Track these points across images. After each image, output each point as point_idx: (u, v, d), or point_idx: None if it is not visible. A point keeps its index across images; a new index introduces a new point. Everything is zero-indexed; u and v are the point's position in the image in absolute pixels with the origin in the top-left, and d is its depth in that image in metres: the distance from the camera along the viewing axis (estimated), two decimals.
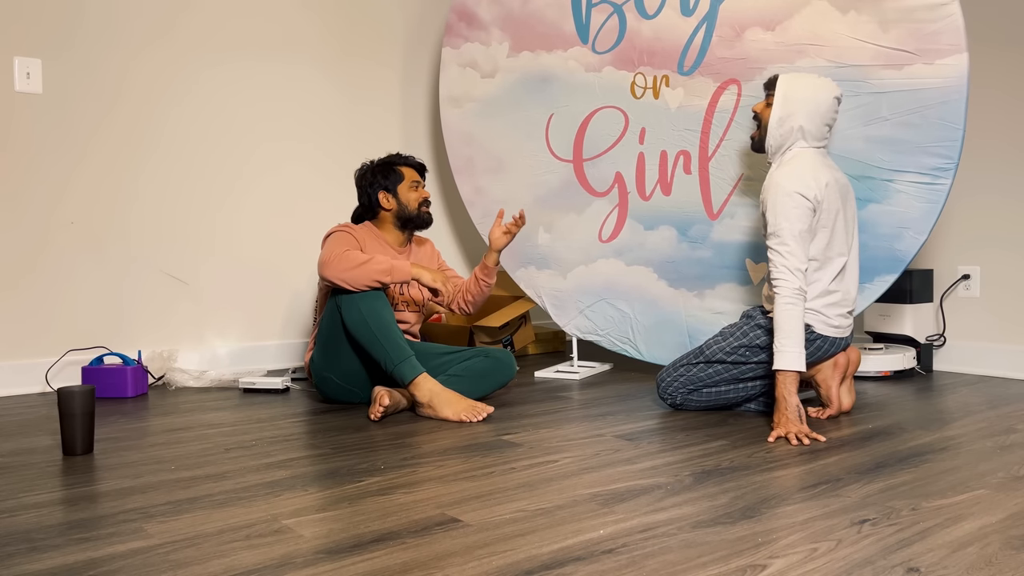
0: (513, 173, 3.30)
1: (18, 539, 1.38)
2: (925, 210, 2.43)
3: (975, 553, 1.27)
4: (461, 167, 3.44)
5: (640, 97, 2.95)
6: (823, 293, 2.22)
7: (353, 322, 2.33)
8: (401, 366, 2.31)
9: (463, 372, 2.51)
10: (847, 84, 2.51)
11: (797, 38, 2.59)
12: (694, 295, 2.88)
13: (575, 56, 3.10)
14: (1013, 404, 2.46)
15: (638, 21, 2.94)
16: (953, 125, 2.37)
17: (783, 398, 2.08)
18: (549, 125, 3.18)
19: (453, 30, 3.42)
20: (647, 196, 2.96)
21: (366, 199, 2.67)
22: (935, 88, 2.39)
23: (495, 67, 3.31)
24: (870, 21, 2.47)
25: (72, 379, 2.91)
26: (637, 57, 2.95)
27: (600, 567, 1.23)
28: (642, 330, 3.00)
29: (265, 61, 3.33)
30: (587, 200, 3.11)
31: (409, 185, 2.66)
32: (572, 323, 3.18)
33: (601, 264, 3.09)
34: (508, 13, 3.26)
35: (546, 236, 3.22)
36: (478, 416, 2.28)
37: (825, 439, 2.03)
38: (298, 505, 1.54)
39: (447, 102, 3.46)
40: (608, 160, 3.05)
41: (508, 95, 3.28)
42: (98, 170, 2.97)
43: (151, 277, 3.09)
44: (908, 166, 2.45)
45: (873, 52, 2.47)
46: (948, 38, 2.36)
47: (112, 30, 2.99)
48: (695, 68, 2.81)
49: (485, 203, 3.38)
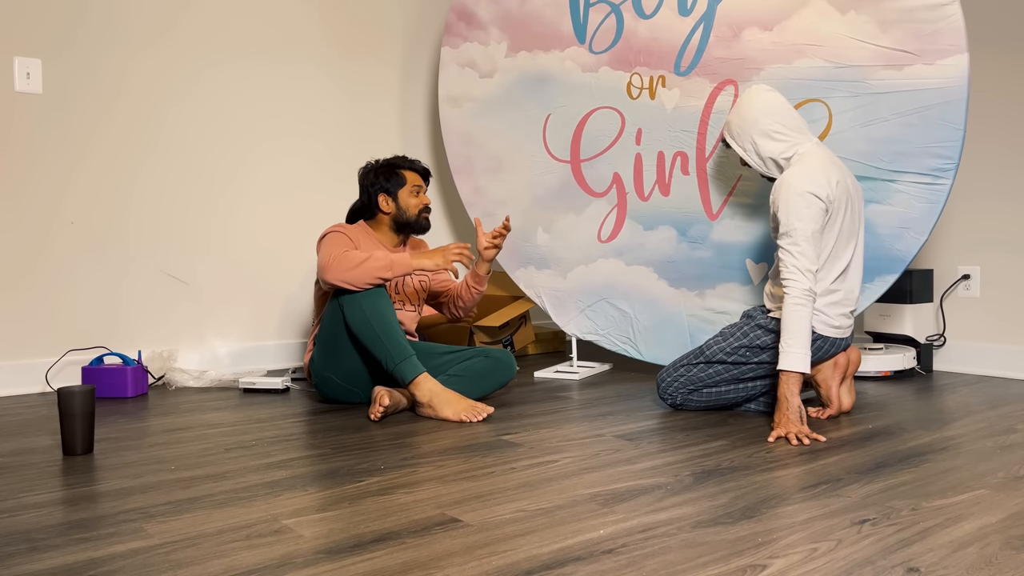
0: (512, 173, 3.29)
1: (18, 539, 1.38)
2: (926, 210, 2.43)
3: (975, 553, 1.27)
4: (460, 167, 3.44)
5: (636, 98, 2.94)
6: (825, 292, 2.22)
7: (356, 320, 2.33)
8: (402, 365, 2.31)
9: (463, 372, 2.51)
10: (846, 84, 2.50)
11: (795, 38, 2.58)
12: (695, 295, 2.88)
13: (572, 56, 3.09)
14: (1013, 404, 2.46)
15: (635, 21, 2.93)
16: (954, 125, 2.37)
17: (785, 398, 2.08)
18: (546, 126, 3.18)
19: (452, 29, 3.42)
20: (646, 196, 2.96)
21: (366, 198, 2.67)
22: (936, 88, 2.38)
23: (493, 67, 3.30)
24: (869, 21, 2.46)
25: (72, 379, 2.91)
26: (634, 57, 2.94)
27: (600, 567, 1.23)
28: (642, 330, 3.00)
29: (264, 60, 3.33)
30: (586, 200, 3.11)
31: (410, 190, 2.65)
32: (572, 323, 3.18)
33: (601, 264, 3.09)
34: (506, 12, 3.26)
35: (545, 236, 3.22)
36: (478, 416, 2.28)
37: (825, 439, 2.03)
38: (298, 505, 1.54)
39: (446, 102, 3.46)
40: (605, 161, 3.04)
41: (506, 95, 3.28)
42: (98, 170, 2.97)
43: (151, 277, 3.09)
44: (908, 166, 2.44)
45: (873, 52, 2.47)
46: (949, 38, 2.36)
47: (112, 30, 2.99)
48: (691, 68, 2.80)
49: (484, 203, 3.38)
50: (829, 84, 2.53)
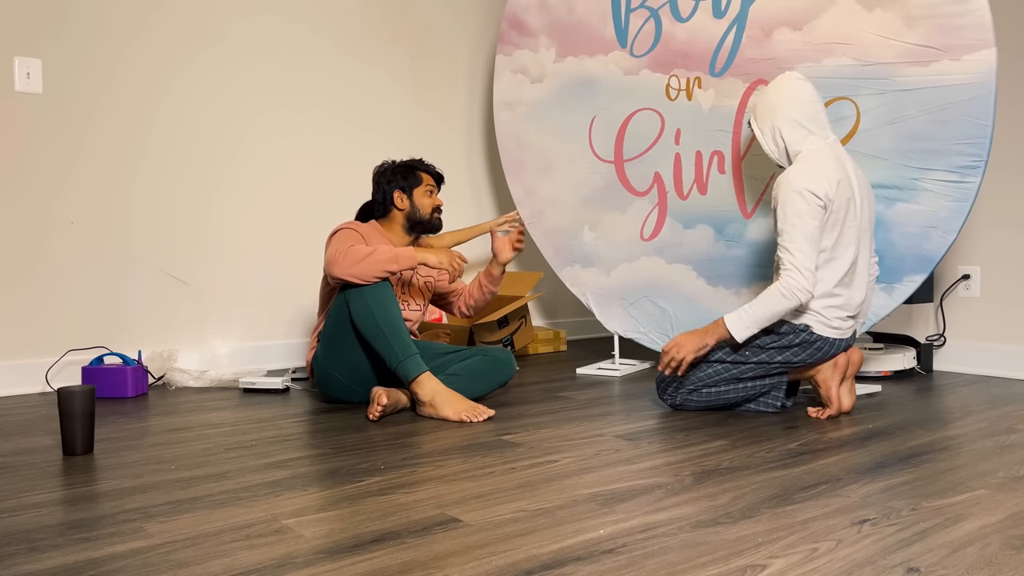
0: (561, 174, 3.37)
1: (18, 539, 1.38)
2: (954, 208, 2.44)
3: (975, 553, 1.27)
4: (513, 169, 3.52)
5: (674, 99, 3.01)
6: (826, 295, 2.22)
7: (361, 316, 2.33)
8: (405, 363, 2.31)
9: (462, 371, 2.51)
10: (873, 82, 2.53)
11: (824, 37, 2.63)
12: (731, 293, 2.93)
13: (615, 60, 3.17)
14: (1013, 404, 2.46)
15: (673, 24, 3.00)
16: (981, 122, 2.37)
17: (701, 332, 2.24)
18: (592, 127, 3.25)
19: (505, 38, 3.52)
20: (685, 195, 3.02)
21: (380, 195, 2.69)
22: (962, 84, 2.39)
23: (543, 72, 3.40)
24: (896, 18, 2.49)
25: (72, 379, 2.91)
26: (672, 60, 3.02)
27: (600, 567, 1.23)
28: (681, 327, 3.05)
29: (277, 56, 3.33)
30: (628, 200, 3.17)
31: (425, 190, 2.69)
32: (615, 321, 3.22)
33: (644, 262, 3.14)
34: (554, 20, 3.35)
35: (591, 235, 3.28)
36: (479, 417, 2.28)
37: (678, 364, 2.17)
38: (298, 505, 1.54)
39: (500, 106, 3.55)
40: (647, 161, 3.11)
41: (555, 99, 3.36)
42: (98, 170, 2.97)
43: (151, 277, 3.09)
44: (936, 164, 2.46)
45: (899, 49, 2.49)
46: (975, 33, 2.36)
47: (112, 30, 2.99)
48: (725, 69, 2.87)
49: (535, 203, 3.45)
50: (857, 82, 2.56)
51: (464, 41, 3.97)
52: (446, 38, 3.90)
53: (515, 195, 3.52)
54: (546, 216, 3.41)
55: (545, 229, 3.42)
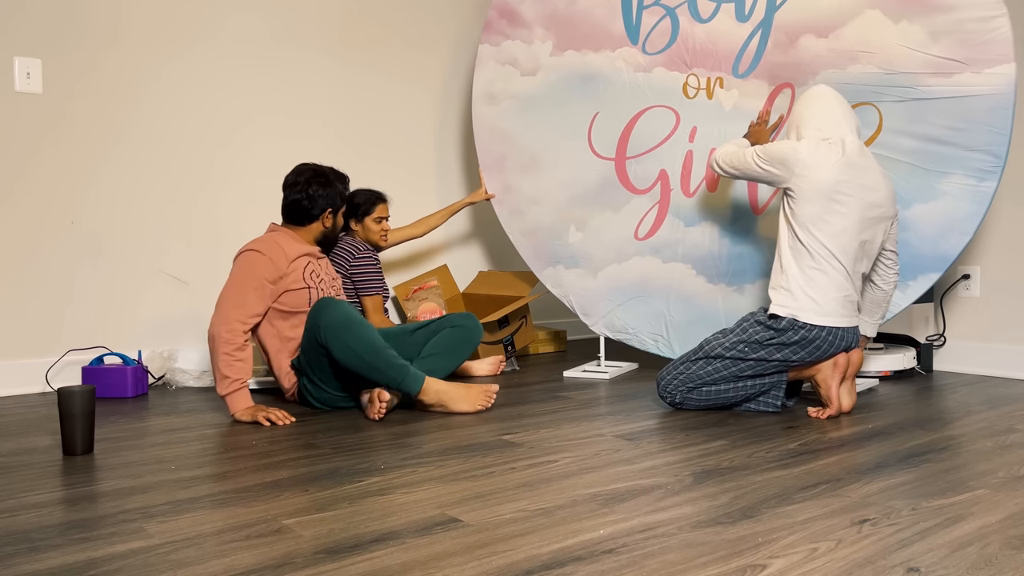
0: (547, 171, 3.33)
1: (18, 539, 1.38)
2: (970, 211, 2.52)
3: (975, 553, 1.27)
4: (490, 164, 3.47)
5: (693, 97, 3.02)
6: (812, 268, 2.27)
7: (344, 356, 2.29)
8: (404, 383, 2.32)
9: (436, 349, 2.62)
10: (896, 90, 2.61)
11: (850, 45, 2.68)
12: (733, 290, 2.93)
13: (624, 56, 3.16)
14: (1013, 404, 2.46)
15: (691, 24, 3.01)
16: (999, 131, 2.47)
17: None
18: (593, 123, 3.23)
19: (492, 27, 3.47)
20: (691, 192, 3.03)
21: (308, 203, 2.54)
22: (983, 95, 2.48)
23: (537, 65, 3.36)
24: (920, 31, 2.56)
25: (72, 379, 2.91)
26: (690, 59, 3.02)
27: (600, 567, 1.23)
28: (676, 327, 3.04)
29: (275, 55, 3.33)
30: (626, 197, 3.16)
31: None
32: (601, 322, 3.20)
33: (636, 262, 3.13)
34: (552, 12, 3.32)
35: (578, 235, 3.25)
36: (491, 400, 2.40)
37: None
38: (298, 505, 1.54)
39: (481, 98, 3.49)
40: (654, 157, 3.10)
41: (550, 93, 3.33)
42: (98, 170, 2.97)
43: (151, 277, 3.09)
44: (954, 168, 2.53)
45: (922, 60, 2.56)
46: (997, 48, 2.46)
47: (113, 30, 2.99)
48: (750, 71, 2.90)
49: (515, 201, 3.41)
50: (880, 89, 2.63)
51: (443, 28, 3.85)
52: (425, 24, 3.81)
53: (492, 191, 3.47)
54: (527, 215, 3.37)
55: (526, 228, 3.38)
